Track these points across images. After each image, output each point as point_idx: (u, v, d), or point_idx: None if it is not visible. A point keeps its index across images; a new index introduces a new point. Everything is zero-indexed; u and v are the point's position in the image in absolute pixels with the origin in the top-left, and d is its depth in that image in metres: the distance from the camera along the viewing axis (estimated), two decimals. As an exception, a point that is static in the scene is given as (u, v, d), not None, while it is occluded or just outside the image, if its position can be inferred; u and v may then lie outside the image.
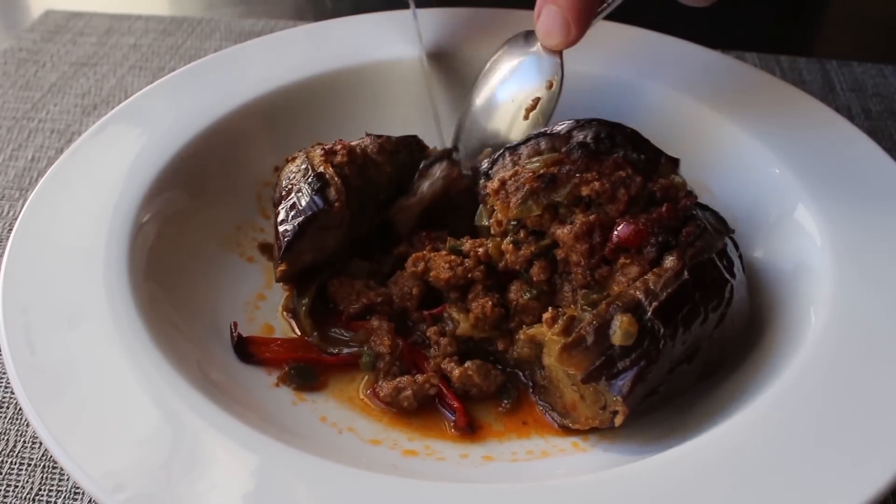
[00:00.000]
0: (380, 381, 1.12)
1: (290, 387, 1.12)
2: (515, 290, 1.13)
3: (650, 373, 0.98)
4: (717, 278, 1.03)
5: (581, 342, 0.99)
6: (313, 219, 1.17)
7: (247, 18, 2.04)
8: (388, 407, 1.10)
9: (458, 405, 1.10)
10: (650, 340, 0.97)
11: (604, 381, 0.98)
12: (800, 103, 1.38)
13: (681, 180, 1.11)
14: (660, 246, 1.02)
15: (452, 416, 1.09)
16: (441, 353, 1.14)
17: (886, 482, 0.86)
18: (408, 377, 1.11)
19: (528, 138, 1.17)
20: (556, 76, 1.28)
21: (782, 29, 2.06)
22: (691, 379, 1.05)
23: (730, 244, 1.10)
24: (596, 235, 1.05)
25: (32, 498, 1.04)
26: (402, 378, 1.11)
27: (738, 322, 1.09)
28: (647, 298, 0.99)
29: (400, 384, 1.10)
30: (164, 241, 1.20)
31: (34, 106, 1.72)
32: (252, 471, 0.89)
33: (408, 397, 1.09)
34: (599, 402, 1.02)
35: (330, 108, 1.46)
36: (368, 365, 1.14)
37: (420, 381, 1.10)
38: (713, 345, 1.04)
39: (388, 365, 1.13)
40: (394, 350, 1.14)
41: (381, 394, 1.11)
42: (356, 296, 1.20)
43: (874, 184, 1.21)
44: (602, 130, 1.13)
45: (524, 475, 1.02)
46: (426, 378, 1.11)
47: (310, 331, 1.19)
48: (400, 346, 1.15)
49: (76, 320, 1.02)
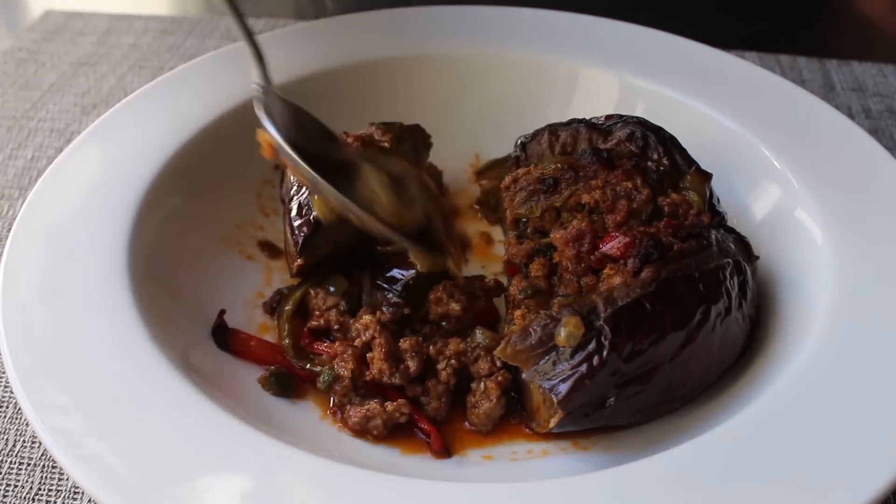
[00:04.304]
0: (347, 406, 1.08)
1: (269, 392, 1.11)
2: (514, 285, 1.14)
3: (592, 379, 0.95)
4: (691, 297, 0.99)
5: (526, 337, 0.98)
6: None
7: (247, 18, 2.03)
8: (358, 436, 1.06)
9: (431, 429, 1.06)
10: (595, 346, 0.95)
11: (544, 380, 0.97)
12: (801, 101, 1.38)
13: (696, 199, 1.08)
14: (642, 258, 1.00)
15: (428, 438, 1.06)
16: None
17: (886, 482, 0.86)
18: (377, 404, 1.07)
19: (571, 122, 1.16)
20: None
21: (783, 28, 2.06)
22: (652, 402, 1.01)
23: (748, 273, 1.06)
24: (585, 243, 1.05)
25: (32, 497, 1.04)
26: (371, 405, 1.07)
27: (717, 354, 1.04)
28: (604, 304, 0.97)
29: (369, 412, 1.06)
30: (163, 239, 1.20)
31: (34, 105, 1.72)
32: (252, 470, 0.89)
33: (377, 426, 1.06)
34: (553, 405, 0.99)
35: (329, 105, 1.45)
36: (325, 385, 1.10)
37: (390, 410, 1.06)
38: (678, 370, 1.00)
39: (344, 389, 1.09)
40: (355, 376, 1.10)
41: (349, 421, 1.07)
42: (320, 312, 1.19)
43: (875, 183, 1.21)
44: (638, 130, 1.12)
45: (524, 475, 1.02)
46: (396, 406, 1.07)
47: (283, 336, 1.18)
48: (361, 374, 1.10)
49: (76, 320, 1.02)
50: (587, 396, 0.96)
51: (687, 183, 1.10)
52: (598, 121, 1.16)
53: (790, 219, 1.21)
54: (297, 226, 1.18)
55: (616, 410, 0.99)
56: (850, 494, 0.85)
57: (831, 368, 0.98)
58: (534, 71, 1.50)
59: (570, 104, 1.47)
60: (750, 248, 1.11)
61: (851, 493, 0.85)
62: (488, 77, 1.51)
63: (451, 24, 1.57)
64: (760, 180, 1.28)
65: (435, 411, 1.09)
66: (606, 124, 1.15)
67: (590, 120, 1.16)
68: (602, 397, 0.97)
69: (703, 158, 1.15)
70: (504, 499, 0.88)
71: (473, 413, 1.08)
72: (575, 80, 1.49)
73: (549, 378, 0.97)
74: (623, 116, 1.16)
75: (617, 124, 1.14)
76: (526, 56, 1.51)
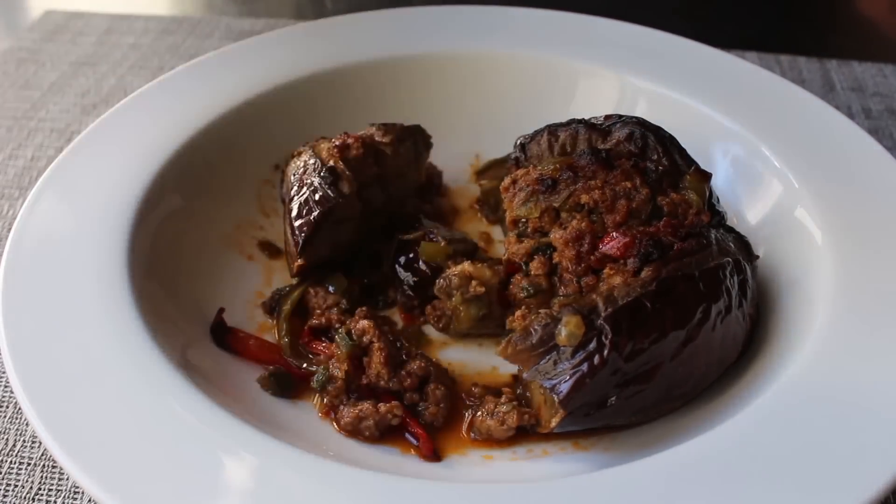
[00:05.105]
0: (340, 406, 1.08)
1: (268, 392, 1.11)
2: (515, 284, 1.14)
3: (593, 378, 0.95)
4: (691, 296, 0.98)
5: (527, 337, 0.98)
6: (329, 212, 1.18)
7: (246, 18, 2.04)
8: (349, 436, 1.06)
9: (421, 433, 1.06)
10: (596, 345, 0.95)
11: (545, 380, 0.97)
12: (801, 101, 1.37)
13: (695, 198, 1.08)
14: (642, 257, 1.00)
15: (417, 442, 1.06)
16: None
17: (886, 482, 0.86)
18: (369, 405, 1.07)
19: (570, 122, 1.16)
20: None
21: (783, 28, 2.06)
22: (652, 401, 1.01)
23: (748, 272, 1.06)
24: (585, 243, 1.05)
25: (32, 497, 1.04)
26: (363, 406, 1.07)
27: (717, 353, 1.04)
28: (604, 304, 0.97)
29: (361, 413, 1.06)
30: (163, 239, 1.20)
31: (34, 105, 1.72)
32: (252, 470, 0.89)
33: (369, 427, 1.05)
34: (555, 405, 0.99)
35: (329, 105, 1.46)
36: (319, 384, 1.10)
37: (382, 411, 1.06)
38: (679, 368, 1.00)
39: (336, 390, 1.09)
40: (349, 378, 1.10)
41: (342, 421, 1.07)
42: (321, 311, 1.20)
43: (875, 183, 1.21)
44: (637, 130, 1.12)
45: (524, 475, 1.02)
46: (388, 408, 1.07)
47: (281, 335, 1.18)
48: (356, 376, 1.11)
49: (76, 319, 1.02)
50: (588, 396, 0.96)
51: (686, 182, 1.10)
52: (597, 121, 1.16)
53: (790, 218, 1.21)
54: (298, 226, 1.18)
55: (617, 410, 0.99)
56: (850, 494, 0.85)
57: (831, 368, 0.98)
58: (534, 71, 1.50)
59: (569, 104, 1.47)
60: (750, 247, 1.11)
61: (851, 493, 0.85)
62: (488, 77, 1.51)
63: (451, 24, 1.58)
64: (760, 180, 1.28)
65: (433, 416, 1.09)
66: (606, 124, 1.15)
67: (589, 120, 1.16)
68: (603, 396, 0.97)
69: (702, 158, 1.14)
70: (504, 499, 0.88)
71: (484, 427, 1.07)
72: (575, 80, 1.49)
73: (550, 378, 0.97)
74: (622, 116, 1.16)
75: (616, 124, 1.14)
76: (526, 56, 1.51)
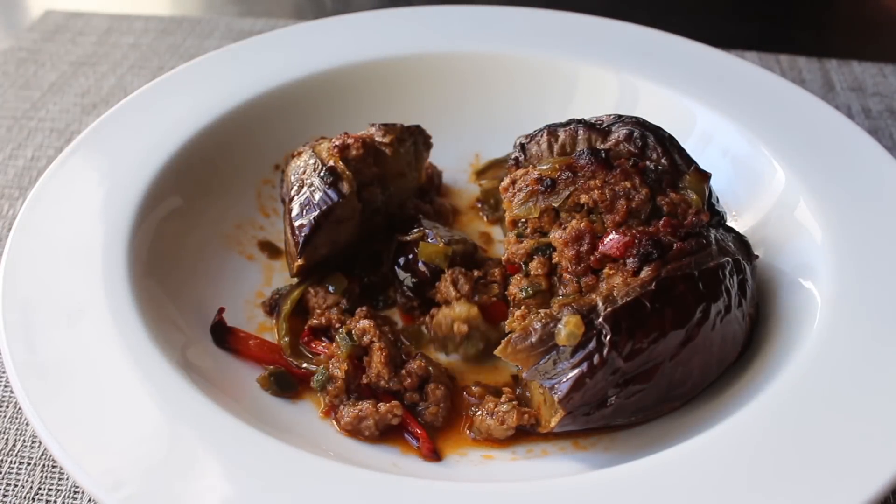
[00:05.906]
0: (340, 406, 1.08)
1: (268, 392, 1.11)
2: (514, 284, 1.14)
3: (593, 377, 0.95)
4: (691, 296, 0.98)
5: (527, 337, 0.99)
6: (329, 212, 1.18)
7: (246, 18, 2.04)
8: (349, 436, 1.06)
9: (421, 433, 1.06)
10: (595, 345, 0.95)
11: (545, 380, 0.97)
12: (801, 101, 1.37)
13: (695, 198, 1.08)
14: (641, 257, 1.00)
15: (417, 443, 1.06)
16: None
17: (886, 482, 0.86)
18: (370, 405, 1.07)
19: (570, 122, 1.16)
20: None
21: (783, 28, 2.06)
22: (652, 400, 1.01)
23: (747, 272, 1.06)
24: (584, 243, 1.05)
25: (32, 497, 1.04)
26: (363, 405, 1.07)
27: (717, 353, 1.04)
28: (604, 304, 0.97)
29: (361, 412, 1.06)
30: (163, 239, 1.20)
31: (34, 105, 1.72)
32: (250, 469, 0.89)
33: (369, 426, 1.05)
34: (554, 405, 0.99)
35: (329, 105, 1.46)
36: (319, 384, 1.10)
37: (382, 411, 1.06)
38: (679, 368, 1.00)
39: (336, 390, 1.09)
40: (349, 378, 1.10)
41: (342, 421, 1.07)
42: (321, 311, 1.20)
43: (875, 183, 1.21)
44: (637, 130, 1.12)
45: (524, 474, 1.02)
46: (388, 408, 1.07)
47: (281, 335, 1.18)
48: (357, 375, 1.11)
49: (75, 319, 1.02)
50: (588, 395, 0.96)
51: (686, 182, 1.09)
52: (596, 121, 1.16)
53: (790, 218, 1.21)
54: (298, 226, 1.19)
55: (617, 409, 0.99)
56: (850, 494, 0.85)
57: (831, 367, 0.98)
58: (534, 71, 1.50)
59: (569, 104, 1.47)
60: (749, 247, 1.11)
61: (851, 493, 0.85)
62: (488, 77, 1.51)
63: (451, 24, 1.58)
64: (760, 180, 1.28)
65: (433, 416, 1.09)
66: (605, 124, 1.15)
67: (588, 120, 1.16)
68: (603, 396, 0.97)
69: (702, 158, 1.14)
70: (504, 499, 0.88)
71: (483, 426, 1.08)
72: (575, 80, 1.49)
73: (549, 377, 0.97)
74: (622, 116, 1.16)
75: (615, 124, 1.14)
76: (526, 56, 1.51)
